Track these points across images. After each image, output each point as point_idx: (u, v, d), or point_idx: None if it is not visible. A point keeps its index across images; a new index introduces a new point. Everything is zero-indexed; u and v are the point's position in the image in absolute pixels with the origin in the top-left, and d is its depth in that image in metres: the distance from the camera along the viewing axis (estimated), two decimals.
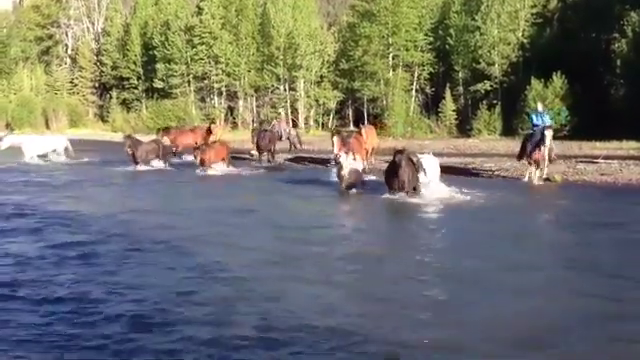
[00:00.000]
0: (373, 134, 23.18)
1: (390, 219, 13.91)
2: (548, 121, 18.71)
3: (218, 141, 24.14)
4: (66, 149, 27.63)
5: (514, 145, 33.93)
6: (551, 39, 42.54)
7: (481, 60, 44.26)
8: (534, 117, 18.93)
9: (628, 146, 28.55)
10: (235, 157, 24.62)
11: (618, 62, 38.19)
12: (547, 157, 18.17)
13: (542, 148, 17.83)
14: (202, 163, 21.26)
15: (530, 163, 18.41)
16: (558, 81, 38.75)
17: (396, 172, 14.71)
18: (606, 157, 23.04)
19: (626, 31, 37.89)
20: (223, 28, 54.96)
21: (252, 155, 26.71)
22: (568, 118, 37.46)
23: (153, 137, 27.54)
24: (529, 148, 18.30)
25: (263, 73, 53.40)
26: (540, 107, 19.42)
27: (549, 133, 17.92)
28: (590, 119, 35.83)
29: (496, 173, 20.72)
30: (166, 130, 28.28)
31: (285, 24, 51.66)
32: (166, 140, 25.28)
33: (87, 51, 68.81)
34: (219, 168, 21.93)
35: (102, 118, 66.38)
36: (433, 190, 15.17)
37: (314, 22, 53.85)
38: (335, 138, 18.57)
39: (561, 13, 45.20)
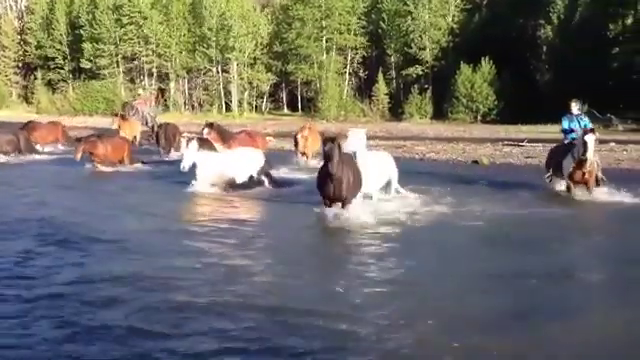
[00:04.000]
0: (316, 137, 16.98)
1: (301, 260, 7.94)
2: (588, 124, 12.86)
3: (118, 136, 20.11)
4: None
5: (444, 129, 34.81)
6: (480, 25, 43.46)
7: (412, 44, 44.83)
8: (566, 122, 13.02)
9: (553, 130, 29.30)
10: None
11: (544, 48, 39.41)
12: (594, 173, 12.24)
13: (586, 165, 11.95)
14: (96, 158, 16.73)
15: (570, 186, 12.43)
16: (486, 66, 39.70)
17: (329, 172, 9.73)
18: (531, 140, 23.79)
19: (552, 18, 39.08)
20: (153, 8, 53.69)
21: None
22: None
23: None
24: (566, 166, 12.44)
25: (195, 54, 52.52)
26: (575, 109, 13.04)
27: (591, 139, 11.96)
28: (516, 103, 36.85)
29: (427, 156, 21.11)
30: (31, 124, 24.95)
31: (217, 5, 50.85)
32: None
33: (10, 29, 65.94)
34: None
35: (26, 99, 63.89)
36: (390, 199, 11.23)
37: (247, 3, 53.26)
38: (191, 143, 13.21)
39: None
